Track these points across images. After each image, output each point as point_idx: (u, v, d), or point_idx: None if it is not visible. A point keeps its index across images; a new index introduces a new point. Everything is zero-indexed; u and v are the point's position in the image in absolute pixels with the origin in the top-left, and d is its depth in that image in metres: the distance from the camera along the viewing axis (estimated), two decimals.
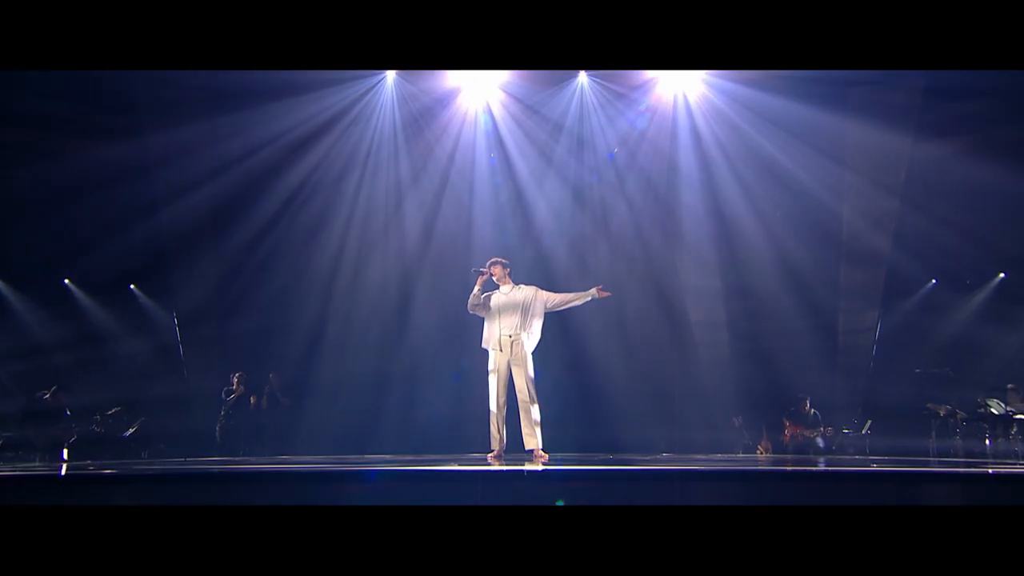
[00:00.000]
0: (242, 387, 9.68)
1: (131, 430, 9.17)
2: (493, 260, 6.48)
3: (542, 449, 6.25)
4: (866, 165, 9.62)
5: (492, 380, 6.31)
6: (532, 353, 6.32)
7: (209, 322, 10.13)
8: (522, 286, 6.44)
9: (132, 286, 10.35)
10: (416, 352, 10.10)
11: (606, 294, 6.33)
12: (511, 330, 6.26)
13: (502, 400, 6.27)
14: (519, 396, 6.27)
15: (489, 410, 6.33)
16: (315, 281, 10.15)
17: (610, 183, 10.26)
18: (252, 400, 9.69)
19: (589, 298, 6.35)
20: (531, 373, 6.27)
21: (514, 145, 10.09)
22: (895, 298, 10.18)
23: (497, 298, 6.40)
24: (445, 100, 9.95)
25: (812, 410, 9.59)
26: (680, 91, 9.86)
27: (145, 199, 9.56)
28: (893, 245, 9.81)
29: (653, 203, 10.29)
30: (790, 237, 9.92)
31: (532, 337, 6.30)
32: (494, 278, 6.39)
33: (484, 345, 6.40)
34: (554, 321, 9.83)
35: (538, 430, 6.23)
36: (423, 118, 10.06)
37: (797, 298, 9.94)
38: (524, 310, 6.30)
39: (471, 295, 6.35)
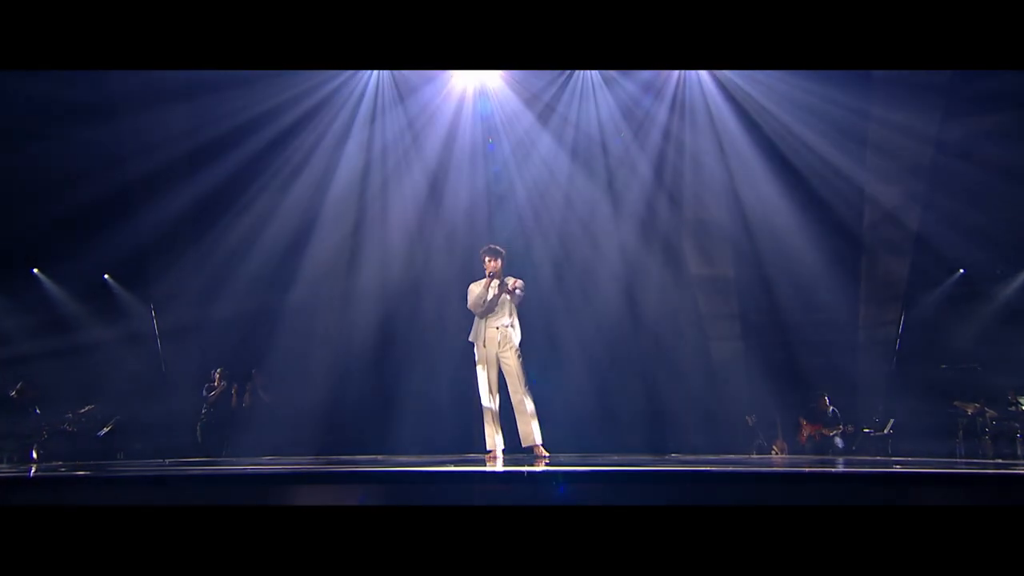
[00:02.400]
0: (224, 384, 9.69)
1: (105, 429, 9.20)
2: (497, 250, 6.43)
3: (542, 446, 6.26)
4: (890, 145, 9.59)
5: (480, 374, 6.38)
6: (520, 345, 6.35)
7: (189, 315, 10.09)
8: (509, 278, 6.47)
9: (106, 276, 10.33)
10: (410, 345, 10.12)
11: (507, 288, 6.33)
12: (499, 322, 6.34)
13: (495, 395, 6.33)
14: (512, 392, 6.30)
15: (482, 407, 6.37)
16: (301, 272, 10.13)
17: (615, 167, 10.25)
18: (234, 397, 9.70)
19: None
20: (520, 366, 6.31)
21: (516, 129, 10.12)
22: (920, 289, 10.17)
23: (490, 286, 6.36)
24: (437, 82, 9.98)
25: (831, 407, 9.61)
26: (692, 72, 9.85)
27: (120, 183, 9.53)
28: (918, 232, 9.79)
29: (661, 190, 10.28)
30: (807, 223, 9.88)
31: (518, 330, 6.39)
32: (488, 269, 6.35)
33: (471, 338, 6.46)
34: (556, 316, 9.97)
35: (535, 425, 6.26)
36: (414, 100, 10.07)
37: (815, 289, 9.93)
38: (512, 303, 6.38)
39: (476, 296, 6.31)
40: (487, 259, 6.40)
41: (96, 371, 9.55)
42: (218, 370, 9.72)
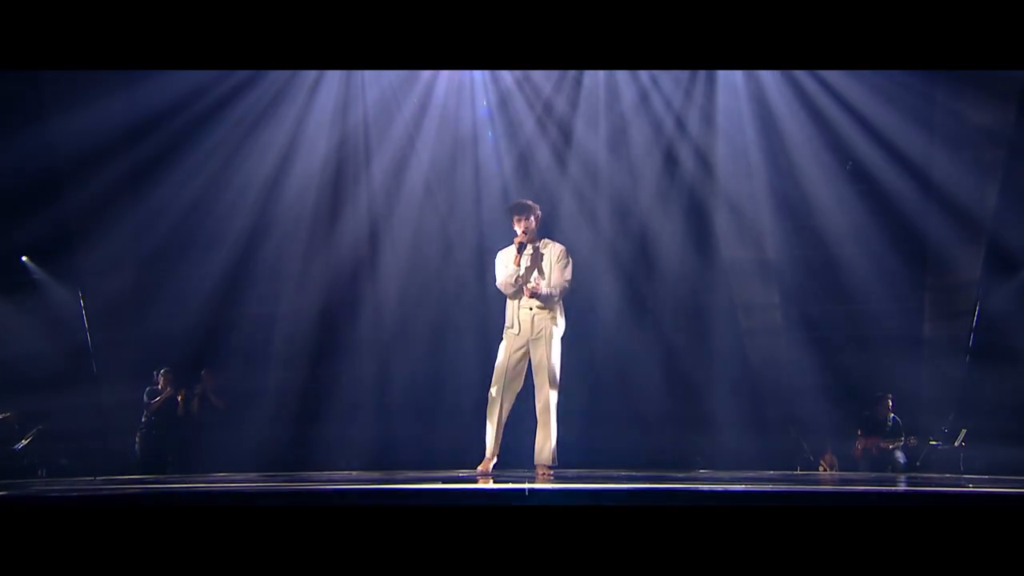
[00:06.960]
0: (170, 388, 9.67)
1: (23, 442, 9.19)
2: (528, 206, 6.03)
3: (553, 463, 6.07)
4: (964, 102, 9.53)
5: (499, 360, 6.02)
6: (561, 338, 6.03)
7: (127, 306, 10.11)
8: (548, 242, 6.12)
9: (24, 258, 10.27)
10: (392, 341, 10.22)
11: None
12: (534, 302, 5.94)
13: (509, 393, 6.00)
14: (537, 392, 5.98)
15: (488, 400, 6.06)
16: (261, 257, 10.20)
17: (633, 134, 10.28)
18: (180, 402, 9.69)
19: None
20: (557, 364, 5.95)
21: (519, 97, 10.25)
22: (998, 274, 10.12)
23: (521, 259, 5.97)
24: None
25: (891, 415, 9.57)
26: None
27: (42, 145, 9.46)
28: (997, 206, 9.73)
29: (687, 158, 10.26)
30: (863, 196, 9.87)
31: (561, 317, 5.99)
32: (520, 230, 5.97)
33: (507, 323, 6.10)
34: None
35: (553, 441, 5.99)
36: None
37: (872, 274, 9.91)
38: (551, 276, 5.98)
39: (505, 269, 5.98)
40: (515, 219, 6.00)
41: (12, 371, 9.49)
42: (162, 371, 9.71)
